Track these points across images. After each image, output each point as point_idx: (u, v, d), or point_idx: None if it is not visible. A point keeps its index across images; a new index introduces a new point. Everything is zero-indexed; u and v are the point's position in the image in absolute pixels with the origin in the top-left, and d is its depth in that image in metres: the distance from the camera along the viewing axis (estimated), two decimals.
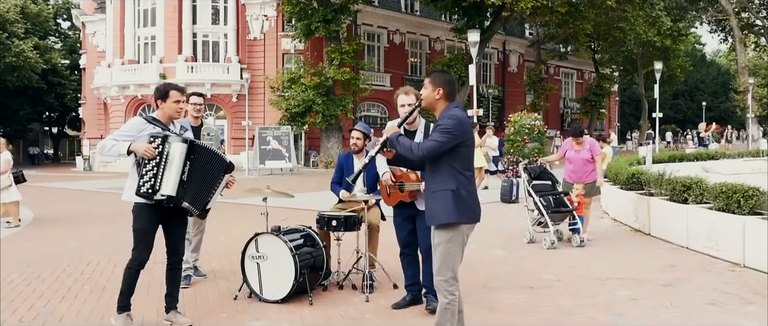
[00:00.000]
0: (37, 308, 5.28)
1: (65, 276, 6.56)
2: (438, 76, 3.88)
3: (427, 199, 3.81)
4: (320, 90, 29.78)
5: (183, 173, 4.27)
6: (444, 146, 3.63)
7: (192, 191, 4.34)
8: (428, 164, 3.77)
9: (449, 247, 3.73)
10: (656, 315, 4.83)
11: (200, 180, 4.39)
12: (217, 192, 4.57)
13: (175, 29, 34.95)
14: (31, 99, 45.97)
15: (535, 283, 5.93)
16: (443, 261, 3.73)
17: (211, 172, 4.48)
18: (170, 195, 4.21)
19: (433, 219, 3.76)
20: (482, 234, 8.92)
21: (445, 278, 3.72)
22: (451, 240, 3.72)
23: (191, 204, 4.36)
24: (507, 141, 22.80)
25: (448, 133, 3.64)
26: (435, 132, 3.72)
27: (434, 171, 3.74)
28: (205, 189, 4.46)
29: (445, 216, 3.70)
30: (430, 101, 3.80)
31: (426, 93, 3.82)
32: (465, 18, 36.08)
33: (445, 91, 3.78)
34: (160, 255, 4.79)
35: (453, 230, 3.71)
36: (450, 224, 3.69)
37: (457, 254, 3.77)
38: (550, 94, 48.74)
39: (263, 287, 5.32)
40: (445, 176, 3.69)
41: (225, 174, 4.58)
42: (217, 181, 4.53)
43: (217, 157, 4.57)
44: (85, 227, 10.76)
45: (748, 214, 6.54)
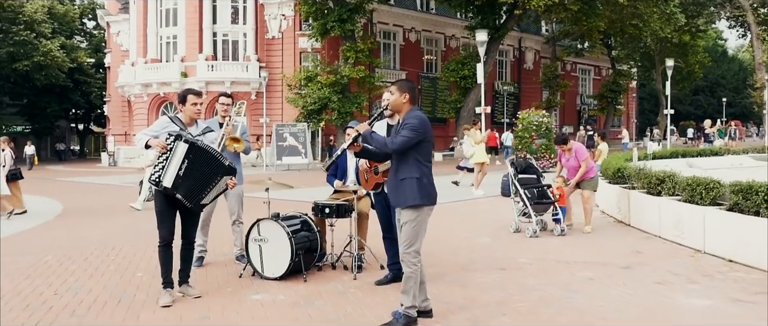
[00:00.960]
0: (69, 283, 6.08)
1: (93, 258, 7.38)
2: (404, 83, 4.60)
3: (396, 186, 4.51)
4: (336, 88, 30.53)
5: (180, 169, 4.96)
6: (411, 141, 4.35)
7: (186, 186, 5.00)
8: (395, 156, 4.47)
9: (414, 226, 4.44)
10: (606, 292, 5.47)
11: (195, 178, 5.01)
12: (214, 190, 5.14)
13: (195, 29, 35.95)
14: (58, 97, 47.47)
15: (508, 266, 6.60)
16: (408, 238, 4.44)
17: (207, 172, 5.06)
18: (166, 186, 4.97)
19: (400, 202, 4.47)
20: (473, 224, 9.66)
21: (410, 251, 4.43)
22: (416, 220, 4.44)
23: (184, 197, 5.02)
24: (516, 137, 23.46)
25: (415, 130, 4.36)
26: (404, 129, 4.41)
27: (401, 162, 4.45)
28: (200, 186, 5.06)
29: (411, 200, 4.42)
30: (398, 104, 4.52)
31: (393, 97, 4.53)
32: (479, 16, 36.60)
33: (410, 96, 4.50)
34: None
35: (417, 211, 4.44)
36: (415, 206, 4.40)
37: (421, 231, 4.49)
38: (566, 91, 49.05)
39: (264, 266, 6.07)
40: (410, 166, 4.41)
41: (223, 176, 5.14)
42: (213, 181, 5.10)
43: (214, 160, 5.12)
44: (109, 218, 11.64)
45: (709, 205, 7.15)
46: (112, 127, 43.24)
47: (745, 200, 6.48)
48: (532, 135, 21.91)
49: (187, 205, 5.11)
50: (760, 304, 4.99)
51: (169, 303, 5.15)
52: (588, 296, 5.35)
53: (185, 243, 5.41)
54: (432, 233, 8.90)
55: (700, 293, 5.38)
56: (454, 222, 10.21)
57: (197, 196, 5.11)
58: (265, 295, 5.49)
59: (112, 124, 43.22)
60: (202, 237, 6.83)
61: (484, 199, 13.23)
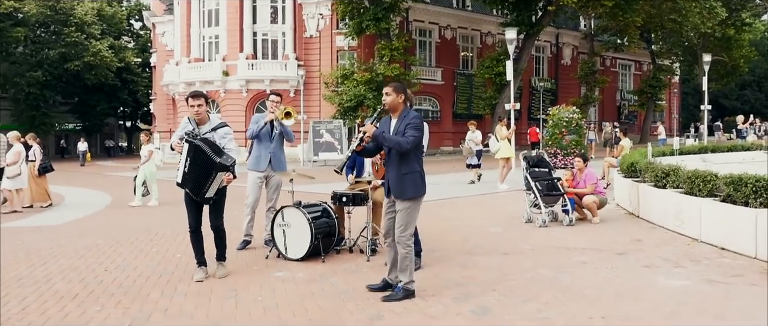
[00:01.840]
0: (118, 262, 6.91)
1: (138, 242, 8.23)
2: (399, 85, 5.20)
3: (399, 179, 5.06)
4: (371, 85, 31.20)
5: (185, 167, 5.66)
6: (418, 139, 4.96)
7: (191, 181, 5.67)
8: (397, 155, 5.03)
9: (411, 213, 5.06)
10: (595, 274, 5.99)
11: (196, 174, 5.64)
12: (213, 185, 5.65)
13: (236, 29, 37.09)
14: (107, 95, 49.43)
15: (511, 251, 7.16)
16: (406, 222, 5.05)
17: (205, 169, 5.61)
18: (178, 182, 5.73)
19: (404, 194, 5.05)
20: (490, 215, 10.22)
21: (405, 234, 5.05)
22: (413, 207, 5.07)
23: (191, 191, 5.70)
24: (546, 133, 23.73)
25: (419, 129, 4.99)
26: (409, 128, 4.98)
27: (403, 157, 5.04)
28: (200, 181, 5.64)
29: (414, 192, 5.03)
30: (395, 104, 5.11)
31: (389, 98, 5.12)
32: (514, 13, 36.79)
33: (405, 97, 5.11)
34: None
35: (415, 200, 5.04)
36: (415, 196, 5.01)
37: (416, 217, 5.10)
38: (604, 87, 48.70)
39: (287, 248, 6.78)
40: (411, 162, 5.03)
41: (217, 172, 5.59)
42: (210, 177, 5.59)
43: (208, 159, 5.56)
44: (153, 208, 12.56)
45: (705, 196, 7.56)
46: (157, 125, 44.88)
47: (736, 191, 6.90)
48: (562, 131, 22.15)
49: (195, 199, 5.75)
50: (733, 285, 5.45)
51: (201, 279, 5.89)
52: (576, 276, 5.88)
53: (213, 230, 6.08)
54: (447, 222, 9.59)
55: (681, 275, 5.86)
56: (472, 213, 10.78)
57: (200, 190, 5.67)
58: (287, 273, 6.19)
59: (158, 122, 44.85)
60: (248, 225, 7.57)
61: (506, 193, 13.70)
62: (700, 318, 4.50)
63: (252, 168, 7.49)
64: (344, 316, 4.71)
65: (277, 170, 7.41)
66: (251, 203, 7.46)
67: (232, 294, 5.45)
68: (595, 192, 9.27)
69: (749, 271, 5.92)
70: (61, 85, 45.44)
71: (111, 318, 4.76)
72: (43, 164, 13.28)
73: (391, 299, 5.07)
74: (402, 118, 5.09)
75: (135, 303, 5.19)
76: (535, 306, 4.87)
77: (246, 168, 7.51)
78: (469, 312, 4.76)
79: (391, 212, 5.20)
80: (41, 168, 13.16)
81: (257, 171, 7.44)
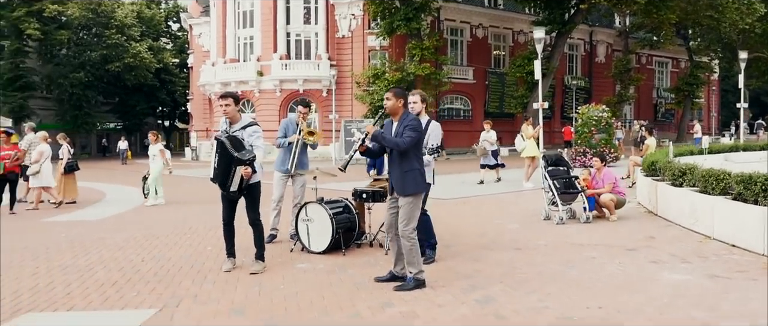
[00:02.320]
0: (153, 253, 7.41)
1: (173, 235, 8.76)
2: (399, 91, 5.58)
3: (399, 177, 5.44)
4: (402, 84, 31.52)
5: (215, 162, 6.09)
6: (415, 139, 5.33)
7: (218, 176, 6.08)
8: (398, 154, 5.40)
9: (413, 208, 5.42)
10: (601, 268, 6.24)
11: (222, 169, 6.04)
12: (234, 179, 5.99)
13: (270, 29, 37.80)
14: (146, 95, 50.85)
15: (524, 247, 7.45)
16: (409, 217, 5.41)
17: (227, 163, 5.99)
18: (210, 178, 6.15)
19: (405, 191, 5.42)
20: (510, 213, 10.48)
21: (410, 228, 5.40)
22: (414, 203, 5.42)
23: (219, 185, 6.11)
24: (575, 132, 23.75)
25: (417, 130, 5.35)
26: (407, 130, 5.36)
27: (403, 157, 5.41)
28: (224, 175, 6.03)
29: (414, 188, 5.39)
30: (394, 108, 5.49)
31: (390, 103, 5.50)
32: (546, 11, 36.70)
33: (404, 102, 5.48)
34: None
35: (416, 196, 5.39)
36: (415, 192, 5.37)
37: (417, 212, 5.45)
38: (640, 84, 48.12)
39: (310, 242, 7.18)
40: (411, 160, 5.39)
41: (236, 167, 5.91)
42: (230, 171, 5.99)
43: (227, 153, 5.94)
44: (189, 205, 13.15)
45: (718, 195, 7.72)
46: (194, 124, 45.98)
47: (746, 189, 7.06)
48: (591, 129, 22.16)
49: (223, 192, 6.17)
50: (733, 280, 5.65)
51: (229, 269, 6.34)
52: (583, 270, 6.14)
53: (251, 225, 6.43)
54: (467, 218, 9.89)
55: (685, 270, 6.07)
56: (493, 210, 11.05)
57: (225, 184, 6.06)
58: (308, 265, 6.60)
59: (195, 121, 45.95)
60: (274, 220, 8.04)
61: (530, 191, 13.90)
62: (693, 310, 4.74)
63: (277, 168, 7.96)
64: (357, 303, 5.08)
65: (298, 170, 7.86)
66: (276, 199, 7.94)
67: (256, 282, 5.87)
68: (613, 191, 9.46)
69: (754, 267, 6.10)
70: (102, 86, 46.90)
71: (146, 303, 5.22)
72: (70, 163, 13.92)
73: (402, 288, 5.43)
74: (401, 121, 5.47)
75: (168, 289, 5.65)
76: (537, 297, 5.16)
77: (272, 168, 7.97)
78: (473, 301, 5.09)
79: (394, 208, 5.57)
80: (67, 166, 13.82)
81: (281, 171, 7.90)
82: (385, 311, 4.85)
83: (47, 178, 12.99)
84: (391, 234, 5.70)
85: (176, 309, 5.02)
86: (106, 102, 50.54)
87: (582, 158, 21.90)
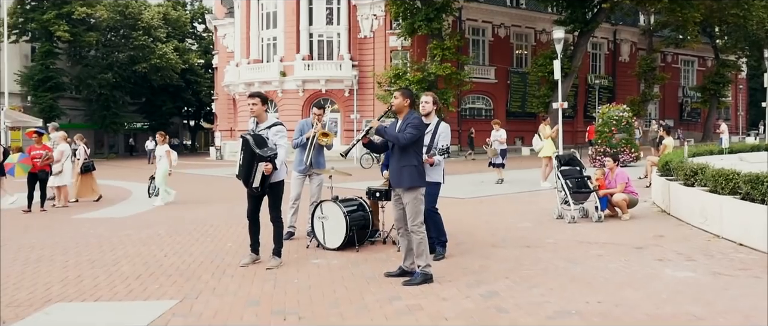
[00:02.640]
0: (176, 249, 7.75)
1: (195, 232, 9.10)
2: (406, 91, 5.85)
3: (397, 171, 5.72)
4: (423, 84, 31.69)
5: (239, 159, 6.37)
6: (415, 137, 5.58)
7: (242, 172, 6.36)
8: (398, 148, 5.67)
9: (417, 203, 5.66)
10: (606, 265, 6.40)
11: (245, 165, 6.32)
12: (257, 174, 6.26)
13: (293, 30, 38.28)
14: (171, 96, 51.73)
15: (533, 244, 7.63)
16: (414, 212, 5.65)
17: (250, 160, 6.27)
18: (235, 174, 6.45)
19: (402, 184, 5.69)
20: (524, 212, 10.65)
21: (417, 223, 5.64)
22: (416, 198, 5.66)
23: (243, 181, 6.38)
24: (596, 132, 23.70)
25: (417, 128, 5.60)
26: (409, 127, 5.62)
27: (403, 153, 5.68)
28: (248, 171, 6.30)
29: (410, 182, 5.65)
30: (400, 107, 5.76)
31: (397, 102, 5.79)
32: (568, 10, 36.59)
33: (410, 102, 5.73)
34: None
35: (416, 191, 5.65)
36: (414, 187, 5.61)
37: (421, 206, 5.70)
38: (665, 83, 47.68)
39: (326, 239, 7.45)
40: (410, 156, 5.65)
41: (258, 163, 6.19)
42: (253, 167, 6.25)
43: (250, 150, 6.24)
44: (212, 203, 13.52)
45: (727, 194, 7.81)
46: (219, 124, 46.69)
47: (754, 189, 7.16)
48: (611, 129, 22.13)
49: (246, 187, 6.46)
50: (735, 278, 5.78)
51: (246, 263, 6.64)
52: (587, 267, 6.31)
53: (272, 222, 6.70)
54: (481, 217, 10.09)
55: (689, 268, 6.21)
56: (508, 209, 11.22)
57: (247, 179, 6.34)
58: (322, 260, 6.87)
59: (219, 121, 46.66)
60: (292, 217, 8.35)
61: (547, 191, 14.02)
62: (690, 305, 4.90)
63: (294, 168, 8.27)
64: (366, 297, 5.32)
65: (314, 169, 8.16)
66: (293, 197, 8.25)
67: (272, 277, 6.15)
68: (625, 191, 9.58)
69: (757, 265, 6.21)
70: (129, 86, 47.82)
71: (167, 294, 5.52)
72: (86, 163, 14.37)
73: (410, 283, 5.66)
74: (405, 119, 5.76)
75: (188, 282, 5.96)
76: (539, 292, 5.36)
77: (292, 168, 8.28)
78: (478, 295, 5.30)
79: (400, 203, 5.84)
80: (84, 166, 14.27)
81: (298, 171, 8.22)
82: (392, 304, 5.09)
83: (66, 178, 13.45)
84: (401, 230, 5.94)
85: (195, 300, 5.31)
86: (134, 102, 51.48)
87: (602, 157, 21.88)
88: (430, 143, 6.78)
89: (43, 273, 6.49)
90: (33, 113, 38.67)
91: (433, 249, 7.00)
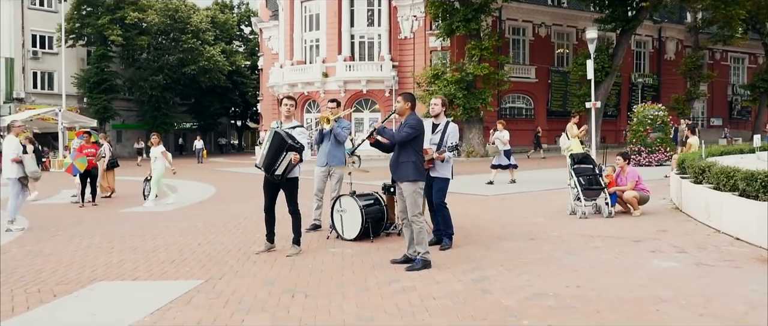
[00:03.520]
0: (209, 238, 8.54)
1: (229, 224, 9.90)
2: (408, 95, 6.45)
3: (396, 165, 6.34)
4: (461, 84, 32.11)
5: (264, 150, 7.05)
6: (411, 136, 6.20)
7: (267, 159, 7.03)
8: (398, 145, 6.27)
9: (415, 195, 6.26)
10: (598, 256, 6.85)
11: (271, 155, 7.00)
12: (283, 163, 6.94)
13: (335, 32, 39.14)
14: (219, 97, 53.40)
15: (538, 237, 8.10)
16: (413, 203, 6.25)
17: (278, 149, 6.95)
18: (256, 164, 7.14)
19: (402, 178, 6.32)
20: (541, 208, 11.09)
21: (416, 213, 6.24)
22: (415, 191, 6.26)
23: (265, 168, 7.05)
24: (630, 131, 23.72)
25: (413, 128, 6.23)
26: (405, 127, 6.25)
27: (402, 150, 6.31)
28: (273, 160, 6.97)
29: (406, 175, 6.29)
30: (403, 109, 6.38)
31: (399, 105, 6.40)
32: (609, 8, 36.35)
33: (411, 105, 6.34)
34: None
35: (415, 184, 6.25)
36: (412, 180, 6.21)
37: (420, 198, 6.29)
38: (713, 81, 46.74)
39: (344, 230, 8.10)
40: (408, 153, 6.27)
41: (288, 151, 6.95)
42: (281, 155, 6.95)
43: (283, 140, 6.94)
44: (248, 199, 14.34)
45: (728, 191, 8.12)
46: (264, 124, 48.00)
47: (749, 186, 7.48)
48: (646, 128, 22.16)
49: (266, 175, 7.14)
50: (717, 268, 6.16)
51: (260, 250, 7.41)
52: (581, 257, 6.78)
53: (290, 214, 7.43)
54: (497, 213, 10.60)
55: (677, 259, 6.60)
56: (527, 206, 11.66)
57: (271, 168, 7.00)
58: (338, 249, 7.52)
59: (264, 121, 47.96)
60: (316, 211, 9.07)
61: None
62: (661, 290, 5.34)
63: (318, 163, 9.00)
64: (369, 280, 5.94)
65: (332, 164, 8.85)
66: (316, 191, 9.00)
67: (290, 262, 6.83)
68: (636, 188, 9.93)
69: (743, 257, 6.57)
70: (179, 88, 49.62)
71: (195, 276, 6.26)
72: (111, 160, 15.44)
73: (412, 269, 6.26)
74: (405, 120, 6.38)
75: (215, 266, 6.70)
76: (527, 278, 5.87)
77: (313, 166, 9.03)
78: (469, 279, 5.85)
79: (402, 196, 6.45)
80: (109, 163, 15.32)
81: (319, 166, 8.92)
82: (390, 286, 5.69)
83: None
84: (405, 221, 6.54)
85: (219, 281, 6.02)
86: (183, 103, 53.31)
87: (637, 157, 21.96)
88: (440, 141, 7.37)
89: (91, 258, 7.33)
90: (88, 114, 40.65)
91: (439, 240, 7.60)
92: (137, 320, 4.76)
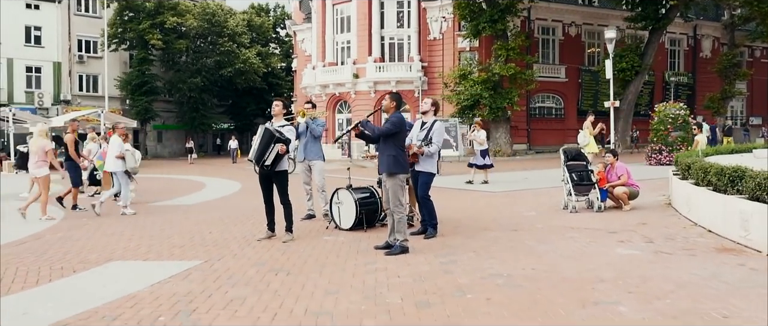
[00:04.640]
0: (221, 228, 9.37)
1: (242, 217, 10.73)
2: (394, 95, 7.14)
3: (381, 159, 6.99)
4: (487, 84, 32.52)
5: (255, 143, 7.79)
6: (390, 131, 6.86)
7: (257, 154, 7.75)
8: (382, 141, 6.94)
9: (395, 187, 6.91)
10: (567, 245, 7.38)
11: (260, 147, 7.70)
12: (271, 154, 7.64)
13: (366, 34, 39.91)
14: (255, 98, 54.78)
15: (521, 228, 8.66)
16: (393, 195, 6.90)
17: (267, 142, 7.65)
18: (248, 158, 7.87)
19: (384, 170, 6.98)
20: (540, 203, 11.60)
21: (396, 204, 6.88)
22: (395, 182, 6.91)
23: (255, 160, 7.78)
24: (651, 130, 23.83)
25: (394, 124, 6.88)
26: (387, 123, 6.91)
27: (385, 144, 6.96)
28: (262, 152, 7.68)
29: (389, 168, 6.94)
30: (388, 107, 7.04)
31: (386, 103, 7.05)
32: (639, 7, 36.25)
33: (396, 104, 6.97)
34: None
35: (396, 177, 6.88)
36: (393, 173, 6.86)
37: (400, 190, 6.93)
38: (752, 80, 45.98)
39: (341, 220, 8.81)
40: (390, 148, 6.91)
41: (275, 144, 7.64)
42: (269, 147, 7.66)
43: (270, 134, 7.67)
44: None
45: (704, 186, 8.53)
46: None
47: (719, 181, 7.90)
48: (667, 128, 22.27)
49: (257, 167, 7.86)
50: (673, 256, 6.64)
51: (261, 238, 8.17)
52: (551, 246, 7.33)
53: (281, 204, 8.19)
54: (494, 207, 11.13)
55: (639, 248, 7.09)
56: (527, 201, 12.17)
57: (260, 159, 7.72)
58: (333, 237, 8.23)
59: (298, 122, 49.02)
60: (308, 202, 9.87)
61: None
62: (607, 272, 5.87)
63: (296, 159, 10.21)
64: (349, 262, 6.62)
65: (308, 158, 9.84)
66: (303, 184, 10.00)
67: (285, 248, 7.57)
68: (626, 184, 10.37)
69: (703, 247, 7.02)
70: (216, 89, 51.19)
71: (198, 257, 7.05)
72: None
73: (391, 253, 6.92)
74: (389, 117, 7.01)
75: (218, 250, 7.48)
76: (491, 263, 6.46)
77: None
78: (438, 262, 6.48)
79: (385, 187, 7.07)
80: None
81: (299, 162, 10.09)
82: (365, 267, 6.37)
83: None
84: (388, 210, 7.20)
85: (217, 262, 6.79)
86: (220, 104, 54.89)
87: (658, 156, 22.11)
88: (425, 138, 8.01)
89: (112, 243, 8.20)
90: (130, 115, 42.37)
91: (425, 229, 8.23)
92: (139, 290, 5.55)
